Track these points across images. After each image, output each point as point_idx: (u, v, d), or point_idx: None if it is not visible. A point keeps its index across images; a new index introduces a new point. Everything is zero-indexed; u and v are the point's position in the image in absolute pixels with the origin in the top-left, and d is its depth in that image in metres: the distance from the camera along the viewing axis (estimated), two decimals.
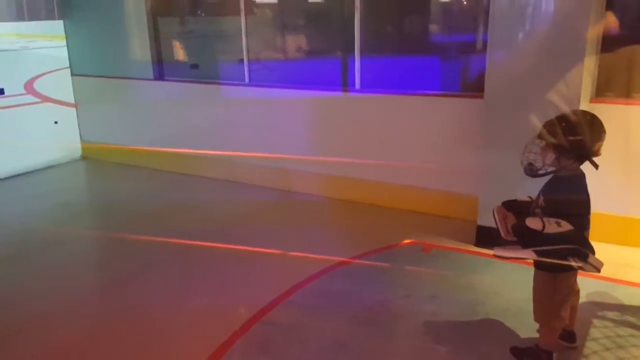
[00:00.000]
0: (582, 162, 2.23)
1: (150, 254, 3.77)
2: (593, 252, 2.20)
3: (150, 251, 3.81)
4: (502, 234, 2.34)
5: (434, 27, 4.56)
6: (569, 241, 2.11)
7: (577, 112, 2.31)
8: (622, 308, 2.87)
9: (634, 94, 3.48)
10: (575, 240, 2.13)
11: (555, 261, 2.13)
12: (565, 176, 2.24)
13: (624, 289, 3.01)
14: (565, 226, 2.11)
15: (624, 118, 3.44)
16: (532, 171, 2.27)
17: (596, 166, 2.20)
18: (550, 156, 2.23)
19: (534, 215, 2.25)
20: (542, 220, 2.12)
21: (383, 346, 2.67)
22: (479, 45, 4.10)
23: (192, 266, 3.62)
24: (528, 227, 2.13)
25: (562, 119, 2.23)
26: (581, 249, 2.14)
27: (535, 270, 2.35)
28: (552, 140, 2.20)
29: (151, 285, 3.37)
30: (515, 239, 2.28)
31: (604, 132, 2.20)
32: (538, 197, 2.32)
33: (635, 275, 3.17)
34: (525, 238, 2.19)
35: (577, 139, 2.16)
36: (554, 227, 2.10)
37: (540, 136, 2.25)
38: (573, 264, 2.13)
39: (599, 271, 2.20)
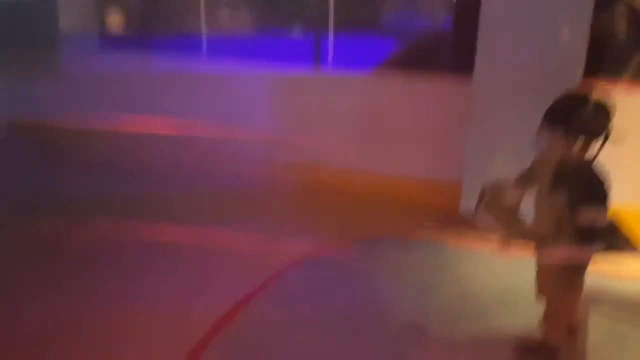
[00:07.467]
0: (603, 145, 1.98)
1: (90, 254, 3.21)
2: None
3: (90, 251, 3.24)
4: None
5: None
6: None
7: (588, 93, 2.03)
8: (617, 301, 2.78)
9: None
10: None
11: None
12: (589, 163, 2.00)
13: (619, 282, 2.92)
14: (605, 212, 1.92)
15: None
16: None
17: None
18: (579, 144, 1.93)
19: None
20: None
21: (365, 348, 2.36)
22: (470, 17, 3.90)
23: (138, 268, 3.07)
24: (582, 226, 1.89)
25: (578, 100, 1.96)
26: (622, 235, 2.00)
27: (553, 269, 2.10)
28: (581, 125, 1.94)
29: (89, 291, 2.80)
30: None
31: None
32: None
33: (628, 267, 3.04)
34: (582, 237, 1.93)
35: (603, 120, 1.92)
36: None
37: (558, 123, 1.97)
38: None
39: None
